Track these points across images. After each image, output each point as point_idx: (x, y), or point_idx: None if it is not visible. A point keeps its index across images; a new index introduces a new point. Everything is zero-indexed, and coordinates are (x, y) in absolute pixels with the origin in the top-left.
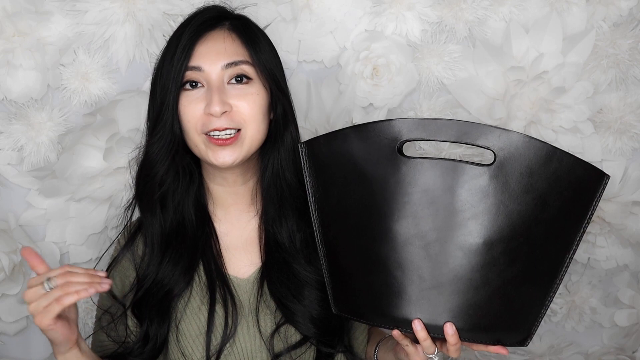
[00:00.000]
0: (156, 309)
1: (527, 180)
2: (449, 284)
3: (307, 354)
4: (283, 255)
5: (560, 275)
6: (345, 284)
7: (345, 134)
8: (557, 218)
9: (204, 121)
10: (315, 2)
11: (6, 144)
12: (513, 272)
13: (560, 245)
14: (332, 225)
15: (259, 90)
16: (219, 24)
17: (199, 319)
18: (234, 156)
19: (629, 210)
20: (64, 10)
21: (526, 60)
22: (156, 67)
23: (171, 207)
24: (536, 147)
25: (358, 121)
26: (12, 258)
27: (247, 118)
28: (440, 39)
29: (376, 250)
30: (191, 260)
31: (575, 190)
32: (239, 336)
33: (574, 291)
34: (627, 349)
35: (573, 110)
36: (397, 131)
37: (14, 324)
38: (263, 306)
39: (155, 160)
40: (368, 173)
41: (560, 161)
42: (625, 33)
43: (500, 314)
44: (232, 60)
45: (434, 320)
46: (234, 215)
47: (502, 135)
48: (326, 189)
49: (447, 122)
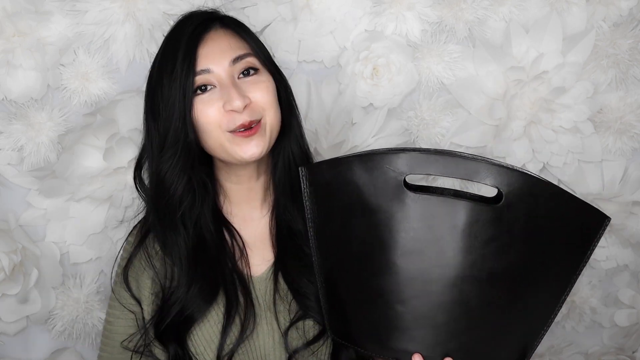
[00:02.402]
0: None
1: (533, 221)
2: (448, 322)
3: (324, 346)
4: (298, 242)
5: (556, 311)
6: (343, 311)
7: (350, 162)
8: (558, 258)
9: (227, 119)
10: (315, 2)
11: (6, 144)
12: (512, 310)
13: (558, 283)
14: (332, 253)
15: (268, 77)
16: (211, 24)
17: (216, 326)
18: (261, 146)
19: (629, 210)
20: (64, 10)
21: (526, 60)
22: (151, 90)
23: (190, 224)
24: (543, 189)
25: (358, 121)
26: (12, 258)
27: (266, 106)
28: (440, 39)
29: (378, 283)
30: (216, 280)
31: (578, 232)
32: (254, 335)
33: (574, 291)
34: (627, 349)
35: (573, 110)
36: (404, 164)
37: (14, 324)
38: (279, 301)
39: (172, 180)
40: (372, 204)
41: (567, 205)
42: (625, 33)
43: (497, 347)
44: (237, 55)
45: (434, 353)
46: (247, 213)
47: (511, 175)
48: (327, 216)
49: (455, 159)
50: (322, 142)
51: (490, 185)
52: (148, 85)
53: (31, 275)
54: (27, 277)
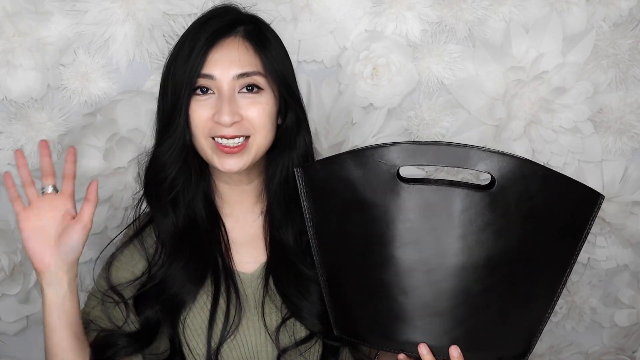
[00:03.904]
0: (165, 310)
1: (526, 204)
2: (451, 310)
3: (314, 348)
4: (288, 256)
5: (558, 293)
6: (347, 307)
7: (343, 159)
8: (555, 239)
9: (211, 126)
10: (315, 2)
11: (6, 144)
12: (513, 294)
13: (558, 265)
14: (332, 250)
15: (268, 99)
16: (233, 31)
17: (204, 313)
18: (241, 164)
19: (629, 210)
20: (64, 10)
21: (526, 60)
22: (167, 65)
23: (183, 204)
24: (534, 171)
25: (358, 121)
26: (12, 258)
27: (257, 126)
28: (440, 39)
29: (379, 276)
30: (205, 264)
31: (572, 212)
32: (244, 331)
33: (574, 291)
34: (627, 349)
35: (573, 110)
36: (395, 157)
37: (14, 324)
38: (268, 301)
39: (166, 163)
40: (368, 199)
41: (557, 184)
42: (625, 33)
43: (501, 334)
44: (244, 71)
45: (439, 343)
46: (239, 213)
47: (500, 159)
48: (325, 214)
49: (446, 147)
50: (322, 142)
51: (482, 171)
52: (170, 57)
53: (31, 275)
54: (27, 277)
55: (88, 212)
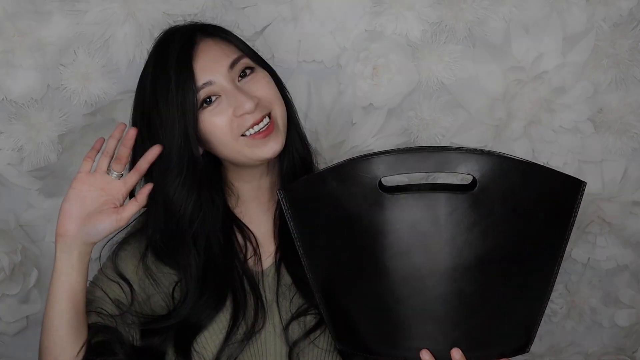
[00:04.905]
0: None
1: (510, 200)
2: (448, 313)
3: (323, 336)
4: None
5: (552, 282)
6: (346, 321)
7: (324, 177)
8: (543, 231)
9: (237, 124)
10: (315, 2)
11: (6, 144)
12: (508, 289)
13: (548, 256)
14: (324, 267)
15: (265, 73)
16: (196, 38)
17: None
18: (279, 141)
19: (629, 210)
20: (64, 10)
21: (526, 60)
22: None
23: (202, 239)
24: (514, 166)
25: (358, 121)
26: (12, 258)
27: (272, 99)
28: (440, 39)
29: (374, 288)
30: (224, 286)
31: (556, 202)
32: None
33: (574, 291)
34: (627, 349)
35: (573, 110)
36: (375, 168)
37: (14, 324)
38: (281, 296)
39: (181, 200)
40: (353, 213)
41: (539, 176)
42: (625, 33)
43: (501, 329)
44: (232, 60)
45: (440, 347)
46: (254, 212)
47: (480, 160)
48: (313, 232)
49: (425, 153)
50: (322, 142)
51: (463, 173)
52: (140, 113)
53: (31, 275)
54: (27, 277)
55: (130, 211)
